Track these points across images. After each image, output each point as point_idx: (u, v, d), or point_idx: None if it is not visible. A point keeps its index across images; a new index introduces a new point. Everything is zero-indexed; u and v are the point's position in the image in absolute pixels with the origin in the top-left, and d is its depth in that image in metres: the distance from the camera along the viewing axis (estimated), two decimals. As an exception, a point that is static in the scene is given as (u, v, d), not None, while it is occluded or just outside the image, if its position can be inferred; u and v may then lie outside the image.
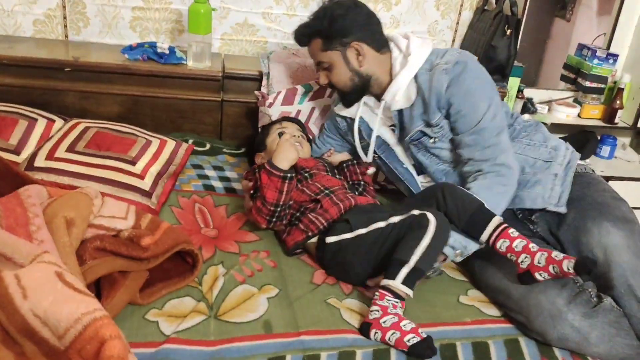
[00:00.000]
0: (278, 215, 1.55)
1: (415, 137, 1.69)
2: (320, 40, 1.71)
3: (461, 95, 1.59)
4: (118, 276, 1.25)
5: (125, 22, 2.27)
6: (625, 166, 2.51)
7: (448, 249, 1.47)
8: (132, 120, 2.04)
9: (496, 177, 1.56)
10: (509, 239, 1.38)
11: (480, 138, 1.59)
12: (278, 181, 1.53)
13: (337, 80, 1.74)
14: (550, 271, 1.31)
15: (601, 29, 2.61)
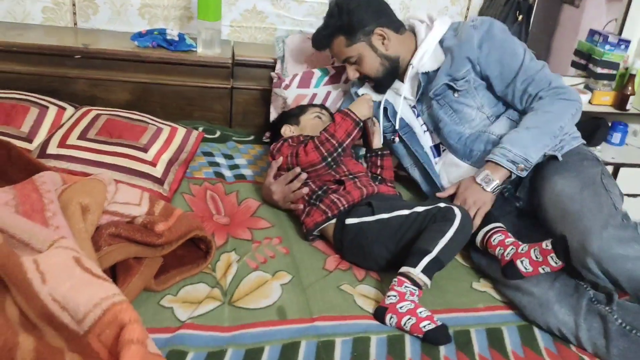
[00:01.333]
0: (334, 158, 1.60)
1: (439, 91, 1.72)
2: (343, 37, 1.72)
3: (497, 47, 1.66)
4: (133, 262, 1.25)
5: (134, 9, 2.26)
6: (637, 153, 2.50)
7: (510, 164, 1.53)
8: (142, 107, 2.04)
9: (558, 99, 1.60)
10: (504, 234, 1.43)
11: (528, 75, 1.63)
12: (351, 124, 1.62)
13: (369, 69, 1.76)
14: (532, 256, 1.33)
15: (610, 15, 2.58)
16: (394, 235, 1.43)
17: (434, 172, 1.78)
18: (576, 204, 1.42)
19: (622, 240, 1.30)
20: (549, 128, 1.57)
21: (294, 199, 1.63)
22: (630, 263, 1.28)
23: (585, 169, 1.54)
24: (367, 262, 1.47)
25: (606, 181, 1.51)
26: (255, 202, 1.72)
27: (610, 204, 1.41)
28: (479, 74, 1.70)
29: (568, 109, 1.59)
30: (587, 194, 1.44)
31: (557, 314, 1.31)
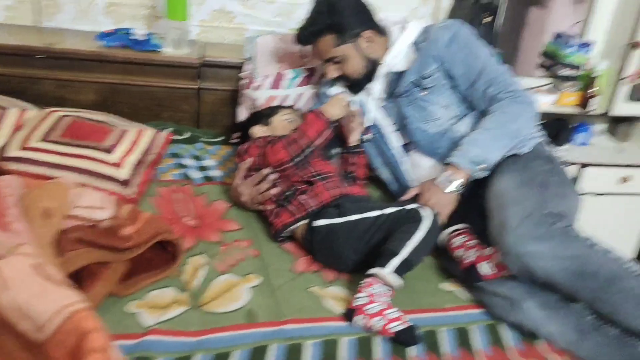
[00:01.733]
0: (304, 157, 1.60)
1: (407, 88, 1.74)
2: (332, 36, 1.72)
3: (463, 47, 1.69)
4: (97, 267, 1.23)
5: (99, 8, 2.22)
6: (600, 153, 2.55)
7: (470, 165, 1.55)
8: (110, 108, 2.00)
9: (515, 103, 1.63)
10: (468, 236, 1.44)
11: (490, 77, 1.66)
12: (322, 124, 1.62)
13: (352, 71, 1.77)
14: (496, 259, 1.35)
15: (577, 16, 2.63)
16: (362, 237, 1.43)
17: (401, 171, 1.79)
18: (505, 198, 1.44)
19: (535, 237, 1.30)
20: (507, 129, 1.60)
21: (262, 200, 1.62)
22: (542, 261, 1.28)
23: (531, 168, 1.57)
24: (336, 264, 1.47)
25: (552, 179, 1.52)
26: (225, 203, 1.70)
27: (539, 200, 1.40)
28: (446, 72, 1.72)
29: (525, 111, 1.63)
30: (519, 190, 1.45)
31: (527, 311, 1.32)
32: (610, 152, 2.57)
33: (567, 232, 1.32)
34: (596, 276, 1.26)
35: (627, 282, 1.24)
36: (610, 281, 1.25)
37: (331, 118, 1.65)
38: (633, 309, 1.23)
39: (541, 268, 1.29)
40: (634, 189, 2.52)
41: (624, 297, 1.24)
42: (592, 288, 1.26)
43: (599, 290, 1.25)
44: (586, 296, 1.27)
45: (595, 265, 1.27)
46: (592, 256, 1.28)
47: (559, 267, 1.28)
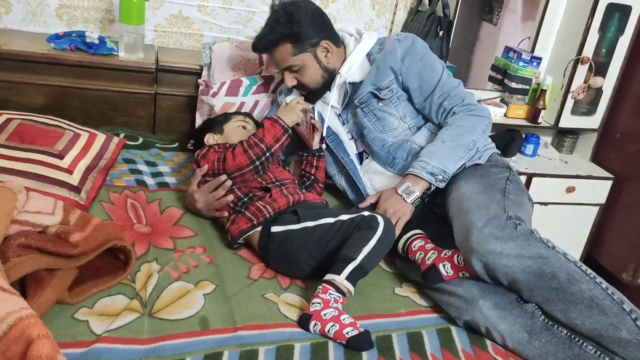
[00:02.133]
0: (262, 162, 1.60)
1: (364, 99, 1.77)
2: (290, 45, 1.73)
3: (418, 61, 1.74)
4: (45, 274, 1.19)
5: (51, 10, 2.16)
6: (547, 164, 2.64)
7: (428, 176, 1.60)
8: (59, 112, 1.95)
9: (469, 115, 1.69)
10: (425, 240, 1.49)
11: (445, 91, 1.72)
12: (280, 130, 1.63)
13: (309, 80, 1.78)
14: (455, 261, 1.42)
15: (525, 33, 2.73)
16: (318, 243, 1.44)
17: (360, 179, 1.82)
18: (469, 202, 1.50)
19: (499, 237, 1.36)
20: (463, 141, 1.66)
21: (219, 206, 1.61)
22: (505, 259, 1.34)
23: (490, 175, 1.63)
24: (292, 270, 1.47)
25: (510, 187, 1.58)
26: (179, 210, 1.68)
27: (500, 206, 1.46)
28: (401, 85, 1.76)
29: (479, 124, 1.69)
30: (482, 195, 1.52)
31: (482, 309, 1.36)
32: (556, 163, 2.67)
33: (530, 234, 1.38)
34: (555, 277, 1.31)
35: (583, 284, 1.30)
36: (568, 282, 1.30)
37: (287, 124, 1.66)
38: (585, 309, 1.28)
39: (504, 266, 1.34)
40: (579, 199, 2.62)
41: (579, 298, 1.29)
42: (549, 288, 1.31)
43: (556, 290, 1.31)
44: (542, 295, 1.32)
45: (555, 266, 1.32)
46: (552, 257, 1.34)
47: (521, 266, 1.33)
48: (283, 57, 1.75)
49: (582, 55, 2.48)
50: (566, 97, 2.56)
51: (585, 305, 1.28)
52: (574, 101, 2.58)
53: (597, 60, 2.52)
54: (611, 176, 2.63)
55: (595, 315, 1.27)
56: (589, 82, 2.55)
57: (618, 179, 2.62)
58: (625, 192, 2.60)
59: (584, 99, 2.60)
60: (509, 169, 1.71)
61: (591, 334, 1.27)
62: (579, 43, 2.48)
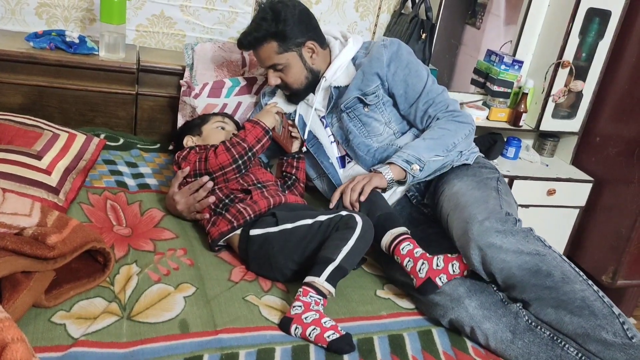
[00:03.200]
0: (244, 161, 1.60)
1: (350, 104, 1.77)
2: (275, 43, 1.72)
3: (403, 67, 1.75)
4: (21, 277, 1.16)
5: (30, 9, 2.13)
6: (529, 166, 2.67)
7: (404, 163, 1.60)
8: (37, 112, 1.93)
9: (452, 120, 1.72)
10: (413, 244, 1.45)
11: (430, 98, 1.74)
12: (261, 131, 1.64)
13: (293, 80, 1.77)
14: (449, 271, 1.39)
15: (508, 36, 2.75)
16: (298, 245, 1.43)
17: (340, 183, 1.81)
18: (466, 197, 1.53)
19: (500, 231, 1.39)
20: (443, 142, 1.68)
21: (200, 208, 1.60)
22: (504, 254, 1.37)
23: (482, 174, 1.68)
24: (272, 273, 1.46)
25: (501, 187, 1.63)
26: (160, 212, 1.66)
27: (497, 203, 1.50)
28: (387, 90, 1.78)
29: (462, 129, 1.72)
30: (478, 191, 1.56)
31: (467, 308, 1.37)
32: (537, 166, 2.69)
33: (529, 231, 1.42)
34: (550, 275, 1.34)
35: (576, 284, 1.33)
36: (562, 281, 1.33)
37: (267, 126, 1.66)
38: (576, 309, 1.30)
39: (502, 260, 1.36)
40: (560, 202, 2.65)
41: (571, 298, 1.31)
42: (543, 286, 1.34)
43: (549, 289, 1.33)
44: (534, 293, 1.34)
45: (551, 265, 1.35)
46: (549, 256, 1.37)
47: (519, 261, 1.36)
48: (268, 55, 1.74)
49: (562, 59, 2.51)
50: (547, 100, 2.59)
51: (576, 305, 1.30)
52: (554, 105, 2.61)
53: (578, 64, 2.55)
54: (591, 179, 2.66)
55: (585, 316, 1.29)
56: (569, 86, 2.58)
57: (598, 182, 2.65)
58: (605, 195, 2.64)
59: (564, 103, 2.63)
60: (497, 171, 1.75)
61: (577, 333, 1.29)
62: (559, 47, 2.50)
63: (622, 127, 2.57)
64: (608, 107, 2.64)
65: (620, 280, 2.55)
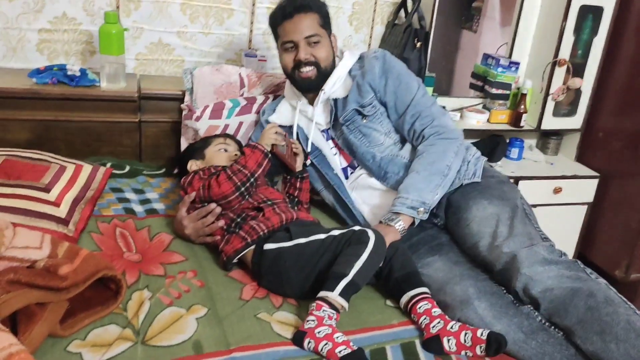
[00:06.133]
0: (247, 188, 1.61)
1: (349, 117, 1.80)
2: (318, 16, 1.78)
3: (394, 78, 1.79)
4: (35, 308, 1.18)
5: (31, 45, 2.18)
6: (533, 166, 2.67)
7: (410, 211, 1.61)
8: (44, 146, 1.96)
9: (439, 139, 1.72)
10: (432, 303, 1.40)
11: (417, 111, 1.75)
12: (260, 155, 1.65)
13: (324, 57, 1.80)
14: (461, 339, 1.29)
15: (505, 38, 2.77)
16: (310, 260, 1.44)
17: (346, 193, 1.83)
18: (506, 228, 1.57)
19: (547, 260, 1.44)
20: (436, 168, 1.68)
21: (209, 232, 1.62)
22: (548, 279, 1.40)
23: (506, 194, 1.69)
24: (284, 289, 1.47)
25: (526, 206, 1.70)
26: (168, 236, 1.68)
27: (533, 227, 1.59)
28: (380, 101, 1.80)
29: (450, 147, 1.72)
30: (518, 221, 1.59)
31: (476, 309, 1.38)
32: (542, 165, 2.69)
33: (574, 262, 1.48)
34: (592, 295, 1.33)
35: (620, 308, 1.31)
36: (605, 303, 1.31)
37: (266, 149, 1.67)
38: (622, 332, 1.26)
39: (545, 284, 1.39)
40: (567, 199, 2.65)
41: (615, 320, 1.28)
42: (585, 306, 1.32)
43: (591, 310, 1.31)
44: (576, 316, 1.32)
45: (594, 288, 1.36)
46: (591, 282, 1.39)
47: (561, 284, 1.38)
48: (310, 23, 1.77)
49: (558, 57, 2.53)
50: (546, 99, 2.60)
51: (621, 327, 1.27)
52: (554, 103, 2.62)
53: (574, 62, 2.57)
54: (597, 174, 2.66)
55: (632, 340, 1.25)
56: (567, 84, 2.59)
57: (604, 177, 2.65)
58: (612, 189, 2.63)
59: (564, 100, 2.64)
60: (512, 183, 1.79)
61: None
62: (555, 46, 2.52)
63: (624, 121, 2.57)
64: (608, 101, 2.64)
65: (634, 274, 2.54)
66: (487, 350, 1.27)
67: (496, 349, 1.26)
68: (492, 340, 1.26)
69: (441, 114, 1.79)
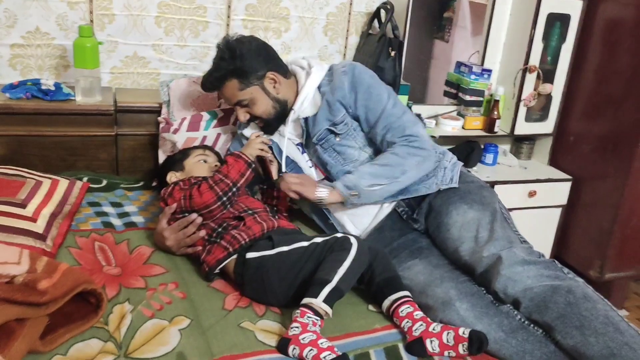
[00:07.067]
0: (229, 197, 1.61)
1: (322, 136, 1.80)
2: (236, 80, 1.76)
3: (364, 91, 1.77)
4: (15, 325, 1.17)
5: (3, 61, 2.16)
6: (508, 171, 2.72)
7: (343, 188, 1.68)
8: (18, 161, 1.93)
9: (405, 145, 1.73)
10: (413, 306, 1.42)
11: (388, 122, 1.75)
12: (243, 165, 1.65)
13: (261, 112, 1.80)
14: (443, 339, 1.31)
15: (476, 47, 2.83)
16: (293, 267, 1.45)
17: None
18: (487, 232, 1.61)
19: (527, 261, 1.48)
20: (388, 170, 1.71)
21: (190, 243, 1.61)
22: (528, 279, 1.43)
23: (486, 199, 1.73)
24: (267, 297, 1.47)
25: (504, 210, 1.75)
26: (148, 249, 1.67)
27: (517, 237, 1.63)
28: (352, 116, 1.80)
29: (414, 156, 1.72)
30: (498, 225, 1.63)
31: (458, 310, 1.40)
32: (516, 169, 2.75)
33: (552, 262, 1.52)
34: (571, 291, 1.37)
35: (599, 304, 1.35)
36: (584, 299, 1.35)
37: (249, 159, 1.68)
38: (600, 326, 1.30)
39: (525, 284, 1.42)
40: (541, 202, 2.70)
41: (594, 314, 1.32)
42: (565, 302, 1.35)
43: (571, 305, 1.34)
44: (557, 311, 1.35)
45: (572, 285, 1.39)
46: (570, 281, 1.43)
47: (541, 282, 1.41)
48: (231, 93, 1.78)
49: (529, 64, 2.59)
50: (518, 105, 2.66)
51: (600, 321, 1.30)
52: (526, 109, 2.68)
53: (544, 68, 2.63)
54: (569, 177, 2.72)
55: (610, 333, 1.28)
56: (538, 90, 2.65)
57: (576, 180, 2.71)
58: (584, 191, 2.70)
59: (535, 106, 2.70)
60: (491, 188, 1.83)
61: (602, 354, 1.26)
62: (525, 53, 2.58)
63: (593, 125, 2.64)
64: (578, 106, 2.71)
65: (608, 273, 2.59)
66: (469, 349, 1.29)
67: (478, 347, 1.29)
68: (474, 338, 1.29)
69: (413, 123, 1.77)
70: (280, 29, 2.47)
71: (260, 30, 2.42)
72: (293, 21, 2.48)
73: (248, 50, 1.75)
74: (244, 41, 1.78)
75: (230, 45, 1.75)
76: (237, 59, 1.73)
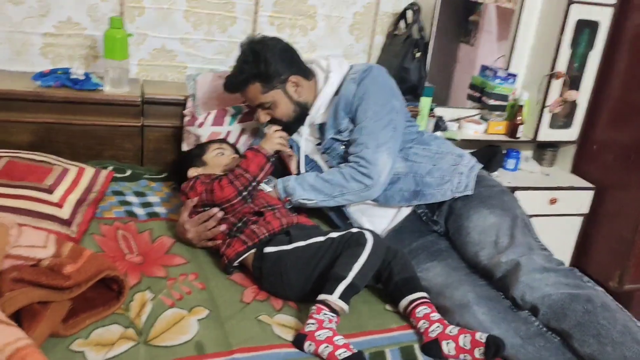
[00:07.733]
0: (249, 191, 1.64)
1: (327, 144, 1.81)
2: (259, 84, 1.77)
3: (360, 96, 1.76)
4: (39, 307, 1.20)
5: (35, 49, 2.20)
6: (529, 177, 2.70)
7: (282, 191, 1.75)
8: (46, 148, 1.97)
9: (354, 168, 1.72)
10: (431, 308, 1.41)
11: (358, 135, 1.74)
12: (262, 159, 1.67)
13: (281, 115, 1.81)
14: (460, 342, 1.30)
15: (501, 52, 2.82)
16: (310, 262, 1.46)
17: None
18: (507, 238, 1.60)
19: (546, 268, 1.47)
20: (330, 189, 1.74)
21: (211, 236, 1.63)
22: (547, 286, 1.42)
23: (507, 204, 1.72)
24: (284, 291, 1.49)
25: (525, 216, 1.72)
26: (170, 239, 1.70)
27: (537, 244, 1.61)
28: (352, 121, 1.79)
29: (358, 182, 1.72)
30: (518, 231, 1.62)
31: (475, 314, 1.40)
32: (538, 176, 2.73)
33: (571, 270, 1.52)
34: (590, 300, 1.36)
35: (617, 313, 1.34)
36: (602, 308, 1.34)
37: (268, 153, 1.70)
38: (618, 335, 1.29)
39: (543, 291, 1.41)
40: (562, 210, 2.68)
41: (612, 323, 1.31)
42: (583, 310, 1.35)
43: (589, 313, 1.34)
44: (574, 319, 1.34)
45: (591, 294, 1.38)
46: (589, 289, 1.42)
47: (559, 289, 1.40)
48: (254, 95, 1.79)
49: (555, 70, 2.57)
50: (543, 111, 2.64)
51: (618, 330, 1.30)
52: (551, 115, 2.66)
53: (571, 75, 2.61)
54: (592, 186, 2.69)
55: (627, 343, 1.28)
56: (564, 96, 2.63)
57: (599, 189, 2.69)
58: (607, 201, 2.67)
59: (560, 112, 2.68)
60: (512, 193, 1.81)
61: None
62: (551, 59, 2.56)
63: (618, 134, 2.61)
64: (603, 114, 2.68)
65: (628, 284, 2.57)
66: (485, 354, 1.28)
67: (495, 352, 1.28)
68: (491, 343, 1.28)
69: (375, 147, 1.70)
70: (306, 26, 2.48)
71: (286, 27, 2.44)
72: (320, 19, 2.49)
73: (272, 54, 1.75)
74: (268, 44, 1.78)
75: (254, 48, 1.76)
76: (260, 63, 1.74)
